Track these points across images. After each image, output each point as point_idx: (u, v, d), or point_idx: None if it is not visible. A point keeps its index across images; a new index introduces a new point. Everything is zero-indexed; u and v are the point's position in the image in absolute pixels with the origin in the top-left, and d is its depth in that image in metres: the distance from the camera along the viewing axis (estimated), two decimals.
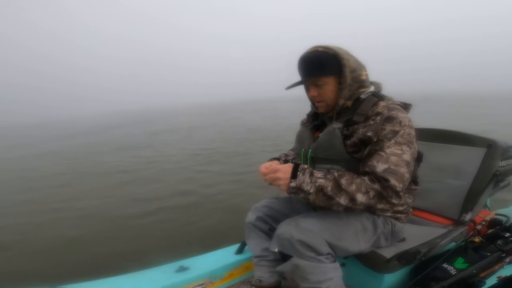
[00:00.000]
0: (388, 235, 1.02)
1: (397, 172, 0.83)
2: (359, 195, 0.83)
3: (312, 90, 1.00)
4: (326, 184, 0.84)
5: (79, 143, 11.00)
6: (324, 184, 0.84)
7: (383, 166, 0.83)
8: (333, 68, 0.94)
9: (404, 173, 0.84)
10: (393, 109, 0.90)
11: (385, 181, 0.82)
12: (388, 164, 0.83)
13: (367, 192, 0.83)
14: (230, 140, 9.10)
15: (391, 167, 0.83)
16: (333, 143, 0.94)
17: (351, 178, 0.85)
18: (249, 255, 1.32)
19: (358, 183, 0.83)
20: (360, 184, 0.83)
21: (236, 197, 3.96)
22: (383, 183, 0.83)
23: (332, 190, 0.84)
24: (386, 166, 0.83)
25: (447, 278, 1.03)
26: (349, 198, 0.83)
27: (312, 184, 0.85)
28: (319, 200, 0.86)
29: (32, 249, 2.83)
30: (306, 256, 0.86)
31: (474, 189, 1.24)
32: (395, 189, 0.82)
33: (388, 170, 0.83)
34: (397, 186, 0.83)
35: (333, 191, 0.84)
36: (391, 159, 0.84)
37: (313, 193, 0.85)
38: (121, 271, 1.22)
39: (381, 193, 0.83)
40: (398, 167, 0.84)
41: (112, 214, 3.66)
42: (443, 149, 1.40)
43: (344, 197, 0.83)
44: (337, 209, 0.87)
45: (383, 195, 0.83)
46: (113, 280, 1.16)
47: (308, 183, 0.85)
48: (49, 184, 5.46)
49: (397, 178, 0.83)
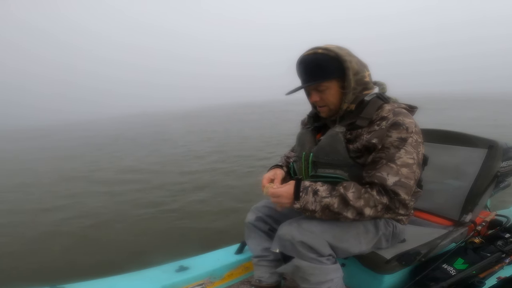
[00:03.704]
0: (389, 237, 1.01)
1: (407, 185, 0.82)
2: (367, 209, 0.82)
3: (313, 95, 0.95)
4: (332, 201, 0.83)
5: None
6: (330, 202, 0.83)
7: (394, 179, 0.81)
8: (335, 72, 0.89)
9: (413, 185, 0.84)
10: (399, 114, 0.86)
11: (394, 195, 0.81)
12: (399, 177, 0.82)
13: (375, 206, 0.82)
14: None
15: (402, 179, 0.82)
16: (336, 148, 0.91)
17: (358, 192, 0.83)
18: (249, 255, 1.32)
19: (366, 198, 0.82)
20: (369, 199, 0.82)
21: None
22: (392, 196, 0.82)
23: (338, 207, 0.83)
24: (397, 179, 0.81)
25: (447, 278, 1.03)
26: (356, 212, 0.83)
27: (317, 204, 0.84)
28: (326, 216, 0.85)
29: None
30: (308, 257, 0.86)
31: (475, 190, 1.23)
32: (404, 202, 0.82)
33: (398, 183, 0.81)
34: (406, 199, 0.82)
35: (339, 208, 0.83)
36: (402, 171, 0.82)
37: (318, 211, 0.85)
38: (121, 271, 1.22)
39: (389, 206, 0.83)
40: (408, 179, 0.82)
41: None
42: (444, 150, 1.39)
43: (352, 212, 0.83)
44: (344, 221, 0.87)
45: (391, 208, 0.83)
46: (113, 280, 1.16)
47: (312, 203, 0.84)
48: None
49: (407, 191, 0.82)
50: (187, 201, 3.97)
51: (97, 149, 9.62)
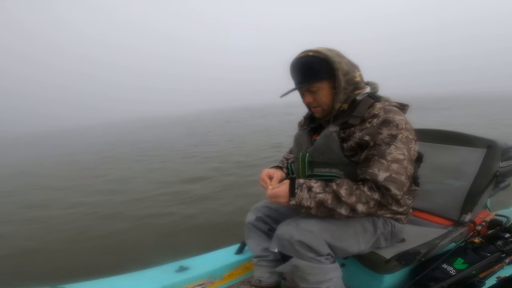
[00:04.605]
0: (388, 236, 1.02)
1: (398, 181, 0.84)
2: (359, 205, 0.84)
3: (307, 96, 0.99)
4: (326, 197, 0.85)
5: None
6: (324, 198, 0.86)
7: (384, 174, 0.83)
8: (325, 73, 0.92)
9: (404, 180, 0.85)
10: (389, 111, 0.89)
11: (386, 190, 0.83)
12: (390, 172, 0.83)
13: (367, 202, 0.84)
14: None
15: (393, 175, 0.83)
16: (331, 147, 0.93)
17: (350, 189, 0.85)
18: (249, 255, 1.32)
19: (357, 195, 0.84)
20: (360, 195, 0.84)
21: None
22: (384, 191, 0.83)
23: (332, 203, 0.85)
24: (388, 175, 0.83)
25: (447, 278, 1.03)
26: (349, 208, 0.85)
27: (311, 200, 0.86)
28: (321, 213, 0.88)
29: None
30: (306, 257, 0.86)
31: (474, 190, 1.23)
32: (395, 197, 0.84)
33: (389, 179, 0.83)
34: (398, 195, 0.84)
35: (333, 204, 0.85)
36: (393, 167, 0.84)
37: (313, 207, 0.87)
38: (121, 271, 1.23)
39: (381, 202, 0.84)
40: (399, 175, 0.84)
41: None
42: (443, 150, 1.39)
43: (345, 208, 0.85)
44: (339, 218, 0.88)
45: (383, 204, 0.85)
46: (113, 280, 1.16)
47: (307, 199, 0.87)
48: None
49: (398, 186, 0.84)
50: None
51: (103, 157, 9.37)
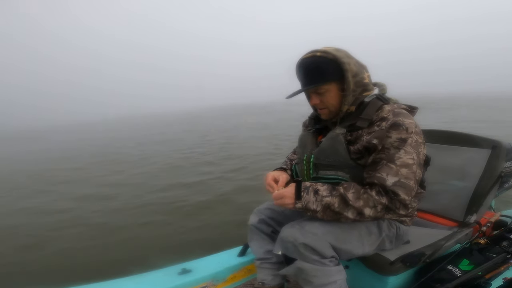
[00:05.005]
0: (392, 238, 1.01)
1: (407, 186, 0.82)
2: (366, 209, 0.83)
3: (313, 98, 0.95)
4: (333, 201, 0.84)
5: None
6: (330, 202, 0.84)
7: (393, 179, 0.82)
8: (334, 74, 0.89)
9: (413, 185, 0.84)
10: (399, 114, 0.86)
11: (394, 195, 0.82)
12: (398, 177, 0.82)
13: (375, 207, 0.83)
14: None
15: (402, 180, 0.82)
16: (337, 149, 0.91)
17: (358, 193, 0.84)
18: (251, 257, 1.31)
19: (365, 199, 0.83)
20: (367, 199, 0.83)
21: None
22: (392, 196, 0.82)
23: (339, 206, 0.84)
24: (396, 179, 0.82)
25: (452, 280, 1.02)
26: (356, 212, 0.84)
27: (318, 203, 0.85)
28: (327, 216, 0.86)
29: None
30: (310, 259, 0.85)
31: (479, 191, 1.22)
32: (404, 202, 0.82)
33: (398, 184, 0.82)
34: (406, 200, 0.82)
35: (340, 207, 0.84)
36: (402, 172, 0.82)
37: (320, 210, 0.85)
38: (124, 274, 1.22)
39: (389, 207, 0.83)
40: (408, 180, 0.83)
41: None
42: (448, 151, 1.39)
43: (352, 212, 0.84)
44: (345, 222, 0.87)
45: (391, 208, 0.83)
46: (116, 283, 1.16)
47: (313, 202, 0.85)
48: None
49: (407, 192, 0.82)
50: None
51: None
